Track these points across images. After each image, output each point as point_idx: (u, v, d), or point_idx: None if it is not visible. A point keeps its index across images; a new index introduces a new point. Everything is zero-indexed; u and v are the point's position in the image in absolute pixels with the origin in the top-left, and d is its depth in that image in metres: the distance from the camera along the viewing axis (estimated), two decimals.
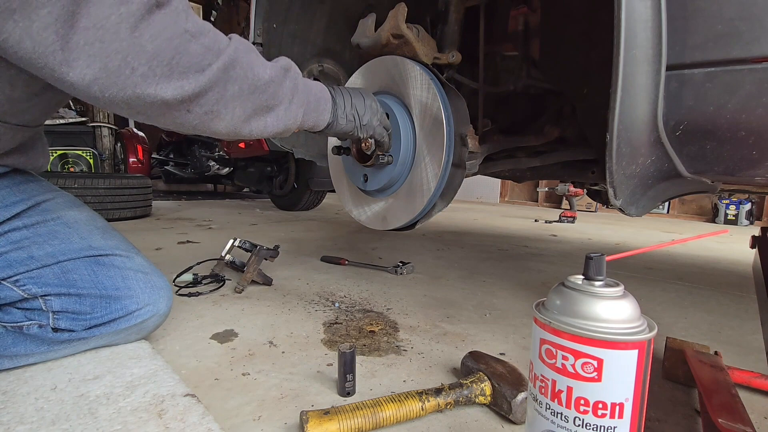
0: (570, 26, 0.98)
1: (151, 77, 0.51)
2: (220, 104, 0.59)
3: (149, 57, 0.50)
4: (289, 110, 0.69)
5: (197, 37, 0.54)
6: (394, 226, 1.04)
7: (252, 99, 0.63)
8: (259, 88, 0.63)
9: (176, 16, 0.52)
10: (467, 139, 0.90)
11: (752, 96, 0.59)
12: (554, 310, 0.42)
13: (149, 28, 0.49)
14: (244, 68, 0.60)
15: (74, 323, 0.73)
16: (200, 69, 0.55)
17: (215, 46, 0.57)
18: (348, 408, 0.58)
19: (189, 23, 0.54)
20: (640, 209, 0.80)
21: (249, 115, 0.64)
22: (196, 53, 0.54)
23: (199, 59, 0.55)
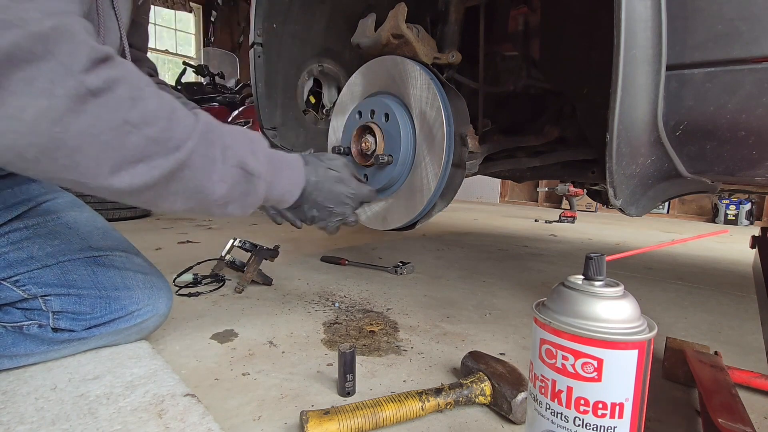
0: (570, 26, 0.98)
1: (73, 168, 0.46)
2: (159, 199, 0.55)
3: (71, 151, 0.45)
4: (239, 208, 0.64)
5: (141, 128, 0.48)
6: (395, 226, 1.04)
7: (197, 200, 0.58)
8: (207, 198, 0.58)
9: (115, 106, 0.46)
10: (467, 139, 0.90)
11: (752, 96, 0.59)
12: (554, 310, 0.42)
13: (76, 122, 0.44)
14: (195, 173, 0.55)
15: (74, 323, 0.73)
16: (139, 161, 0.49)
17: (166, 139, 0.51)
18: (348, 408, 0.58)
19: (133, 113, 0.47)
20: (640, 209, 0.80)
21: (191, 209, 0.59)
22: (133, 146, 0.48)
23: (137, 152, 0.49)
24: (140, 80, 0.50)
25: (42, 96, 0.42)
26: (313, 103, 1.52)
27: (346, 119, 1.09)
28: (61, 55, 0.43)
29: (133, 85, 0.48)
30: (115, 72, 0.47)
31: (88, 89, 0.44)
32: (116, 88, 0.47)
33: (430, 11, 1.16)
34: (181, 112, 0.54)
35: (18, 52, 0.41)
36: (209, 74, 4.60)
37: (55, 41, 0.43)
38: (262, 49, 1.32)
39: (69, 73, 0.43)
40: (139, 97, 0.49)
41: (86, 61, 0.44)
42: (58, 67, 0.42)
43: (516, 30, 1.17)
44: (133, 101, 0.48)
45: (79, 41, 0.44)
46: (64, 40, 0.43)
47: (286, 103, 1.42)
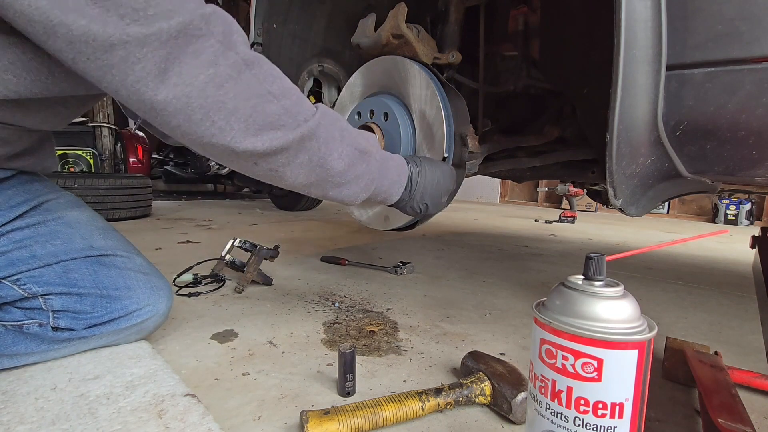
0: (570, 26, 0.97)
1: (227, 131, 0.55)
2: (286, 168, 0.62)
3: (228, 113, 0.54)
4: (352, 192, 0.70)
5: (279, 99, 0.57)
6: (396, 226, 1.04)
7: (318, 173, 0.64)
8: (327, 171, 0.65)
9: (262, 77, 0.56)
10: (467, 139, 0.90)
11: (752, 96, 0.59)
12: (554, 310, 0.42)
13: (234, 88, 0.53)
14: (320, 144, 0.62)
15: (74, 322, 0.73)
16: (275, 128, 0.58)
17: (297, 112, 0.59)
18: (348, 408, 0.58)
19: (274, 85, 0.57)
20: (640, 209, 0.80)
21: (311, 184, 0.66)
22: (273, 113, 0.57)
23: (275, 119, 0.57)
24: (273, 65, 0.59)
25: (209, 65, 0.51)
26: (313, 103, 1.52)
27: (346, 119, 1.09)
28: (219, 35, 0.52)
29: (271, 65, 0.58)
30: (258, 54, 0.57)
31: (244, 61, 0.54)
32: (263, 64, 0.57)
33: (430, 11, 1.16)
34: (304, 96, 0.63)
35: (190, 29, 0.49)
36: None
37: (215, 22, 0.52)
38: (262, 49, 1.32)
39: (229, 48, 0.52)
40: (277, 75, 0.58)
41: (241, 41, 0.54)
42: (218, 43, 0.52)
43: (516, 30, 1.17)
44: (273, 76, 0.57)
45: (231, 23, 0.54)
46: (221, 22, 0.52)
47: None
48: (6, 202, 0.72)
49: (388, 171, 0.75)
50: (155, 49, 0.48)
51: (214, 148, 0.57)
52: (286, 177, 0.63)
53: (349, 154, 0.66)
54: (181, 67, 0.50)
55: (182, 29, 0.49)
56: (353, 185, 0.69)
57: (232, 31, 0.54)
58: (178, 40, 0.49)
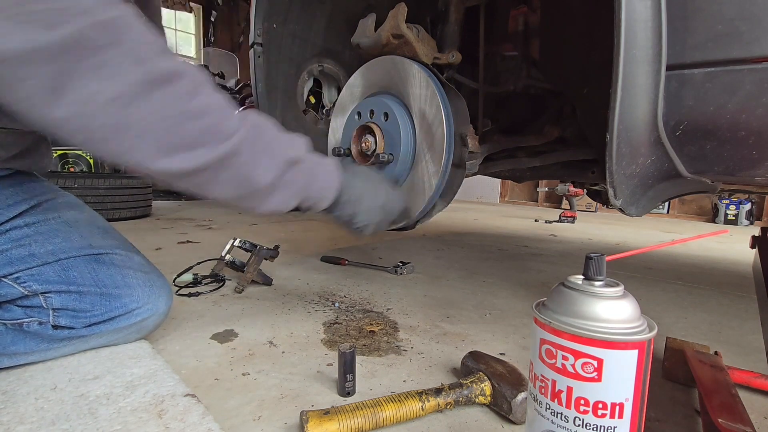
0: (570, 26, 0.98)
1: (136, 151, 0.50)
2: (208, 185, 0.58)
3: (137, 134, 0.49)
4: (281, 201, 0.67)
5: (198, 118, 0.52)
6: (396, 226, 1.04)
7: (244, 188, 0.61)
8: (253, 186, 0.61)
9: (177, 96, 0.50)
10: (467, 139, 0.90)
11: (752, 96, 0.59)
12: (554, 310, 0.42)
13: (144, 107, 0.48)
14: (244, 161, 0.58)
15: (74, 320, 0.73)
16: (193, 148, 0.53)
17: (218, 130, 0.55)
18: (348, 408, 0.58)
19: (192, 104, 0.51)
20: (640, 209, 0.80)
21: (238, 197, 0.62)
22: (190, 134, 0.52)
23: (193, 139, 0.52)
24: (198, 75, 0.54)
25: (112, 82, 0.45)
26: (313, 103, 1.52)
27: (345, 120, 1.09)
28: (128, 44, 0.45)
29: (191, 79, 0.52)
30: (176, 65, 0.50)
31: (155, 79, 0.48)
32: (178, 81, 0.50)
33: (430, 11, 1.16)
34: (232, 108, 0.58)
35: (84, 40, 0.43)
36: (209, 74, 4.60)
37: (122, 30, 0.45)
38: (262, 49, 1.32)
39: (137, 61, 0.46)
40: (196, 91, 0.52)
41: (153, 54, 0.47)
42: (125, 55, 0.45)
43: (516, 30, 1.17)
44: (191, 94, 0.51)
45: (144, 32, 0.47)
46: (130, 30, 0.46)
47: (286, 103, 1.42)
48: (4, 201, 0.72)
49: (317, 177, 0.71)
50: (43, 65, 0.42)
51: (125, 164, 0.52)
52: (210, 193, 0.60)
53: (276, 166, 0.63)
54: (78, 83, 0.44)
55: (75, 41, 0.43)
56: (281, 194, 0.66)
57: (142, 40, 0.47)
58: (71, 53, 0.43)
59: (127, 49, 0.46)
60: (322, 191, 0.73)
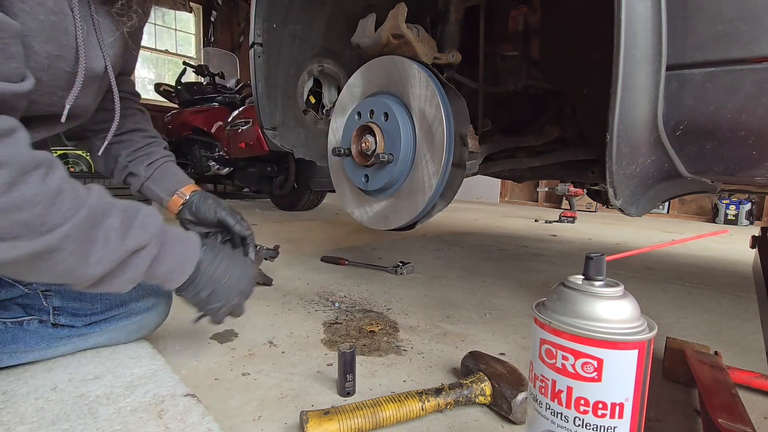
0: (570, 26, 0.97)
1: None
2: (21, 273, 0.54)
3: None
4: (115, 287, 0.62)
5: (10, 213, 0.48)
6: (396, 226, 1.04)
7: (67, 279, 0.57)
8: (78, 278, 0.57)
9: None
10: (467, 139, 0.90)
11: (752, 96, 0.59)
12: (554, 310, 0.42)
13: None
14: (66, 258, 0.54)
15: (74, 319, 0.74)
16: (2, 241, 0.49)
17: (39, 225, 0.50)
18: (348, 408, 0.58)
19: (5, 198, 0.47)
20: (640, 209, 0.80)
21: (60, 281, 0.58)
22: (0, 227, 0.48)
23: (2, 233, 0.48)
24: (27, 163, 0.49)
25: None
26: (313, 103, 1.52)
27: (345, 120, 1.09)
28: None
29: (14, 169, 0.48)
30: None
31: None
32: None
33: (430, 11, 1.16)
34: (67, 196, 0.53)
35: None
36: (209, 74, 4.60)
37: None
38: (262, 49, 1.32)
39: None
40: (17, 182, 0.48)
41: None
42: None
43: (516, 30, 1.17)
44: (9, 186, 0.48)
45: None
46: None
47: (286, 103, 1.42)
48: None
49: (168, 255, 0.66)
50: None
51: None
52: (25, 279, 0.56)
53: (113, 259, 0.58)
54: None
55: None
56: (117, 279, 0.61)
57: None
58: None
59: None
60: (173, 270, 0.67)
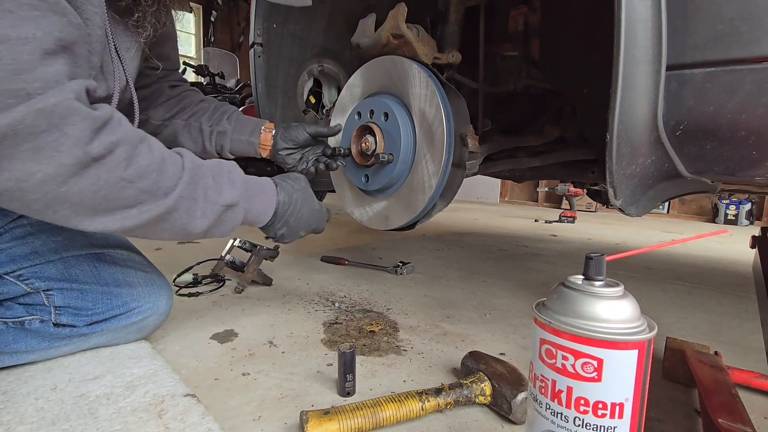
0: (570, 26, 0.97)
1: (73, 218, 0.53)
2: (147, 233, 0.62)
3: (72, 205, 0.52)
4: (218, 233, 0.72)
5: (135, 182, 0.55)
6: (396, 226, 1.04)
7: (182, 235, 0.66)
8: (190, 232, 0.66)
9: (114, 166, 0.53)
10: (467, 139, 0.90)
11: (752, 96, 0.59)
12: (554, 310, 0.42)
13: (79, 183, 0.50)
14: (180, 215, 0.63)
15: (76, 318, 0.74)
16: (130, 207, 0.57)
17: (156, 189, 0.58)
18: (348, 408, 0.58)
19: (129, 170, 0.54)
20: (640, 209, 0.80)
21: (178, 238, 0.67)
22: (127, 197, 0.55)
23: (131, 201, 0.56)
24: (135, 138, 0.57)
25: (50, 163, 0.48)
26: (313, 103, 1.52)
27: (345, 120, 1.09)
28: (65, 127, 0.48)
29: (129, 146, 0.55)
30: (113, 137, 0.53)
31: (92, 157, 0.50)
32: (114, 151, 0.53)
33: (430, 11, 1.16)
34: (170, 162, 0.61)
35: (23, 127, 0.45)
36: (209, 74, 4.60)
37: (60, 116, 0.48)
38: (262, 49, 1.32)
39: (75, 144, 0.49)
40: (133, 155, 0.55)
41: (89, 132, 0.50)
42: (64, 138, 0.48)
43: (516, 30, 1.17)
44: (128, 160, 0.54)
45: (82, 115, 0.50)
46: (68, 114, 0.48)
47: (286, 103, 1.42)
48: None
49: (254, 206, 0.76)
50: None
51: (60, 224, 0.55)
52: (150, 238, 0.64)
53: (213, 212, 0.67)
54: (15, 164, 0.47)
55: (14, 129, 0.45)
56: (219, 229, 0.71)
57: (80, 122, 0.50)
58: (9, 139, 0.45)
59: (63, 132, 0.48)
60: (259, 216, 0.78)
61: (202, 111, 1.00)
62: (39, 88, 0.46)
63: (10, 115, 0.45)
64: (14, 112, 0.45)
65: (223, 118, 1.00)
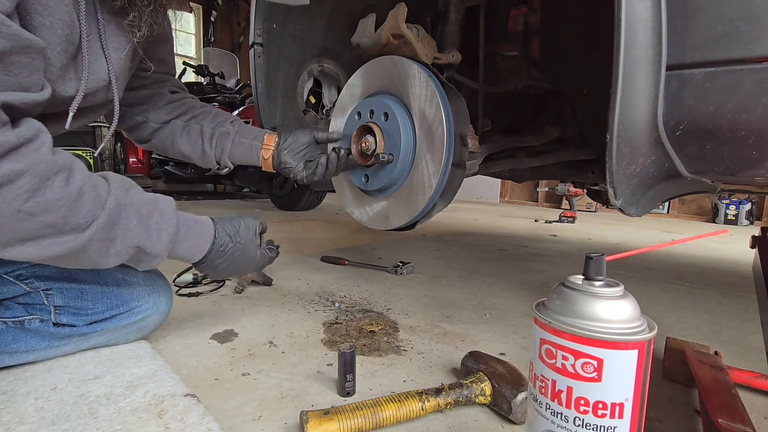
0: (570, 26, 0.98)
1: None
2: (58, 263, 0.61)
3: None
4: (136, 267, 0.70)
5: (37, 216, 0.53)
6: (396, 226, 1.04)
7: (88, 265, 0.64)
8: (101, 266, 0.64)
9: (12, 198, 0.50)
10: (467, 139, 0.90)
11: (752, 96, 0.59)
12: (554, 310, 0.42)
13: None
14: (89, 254, 0.61)
15: (75, 318, 0.74)
16: (30, 240, 0.54)
17: (63, 225, 0.55)
18: (348, 408, 0.58)
19: (29, 203, 0.51)
20: (640, 209, 0.80)
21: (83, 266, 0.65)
22: (29, 230, 0.53)
23: (32, 234, 0.54)
24: (48, 169, 0.53)
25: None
26: (313, 103, 1.52)
27: (345, 120, 1.09)
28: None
29: (35, 176, 0.51)
30: (19, 165, 0.50)
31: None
32: (15, 181, 0.50)
33: (430, 11, 1.16)
34: (88, 198, 0.57)
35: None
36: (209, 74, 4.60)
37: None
38: (262, 49, 1.32)
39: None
40: (39, 188, 0.52)
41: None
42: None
43: (516, 30, 1.17)
44: (32, 192, 0.51)
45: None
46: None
47: (286, 103, 1.42)
48: None
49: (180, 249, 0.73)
50: None
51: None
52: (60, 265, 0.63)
53: (128, 252, 0.65)
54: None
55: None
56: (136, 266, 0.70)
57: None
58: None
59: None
60: (184, 257, 0.75)
61: (204, 114, 1.00)
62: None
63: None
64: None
65: (226, 122, 1.00)
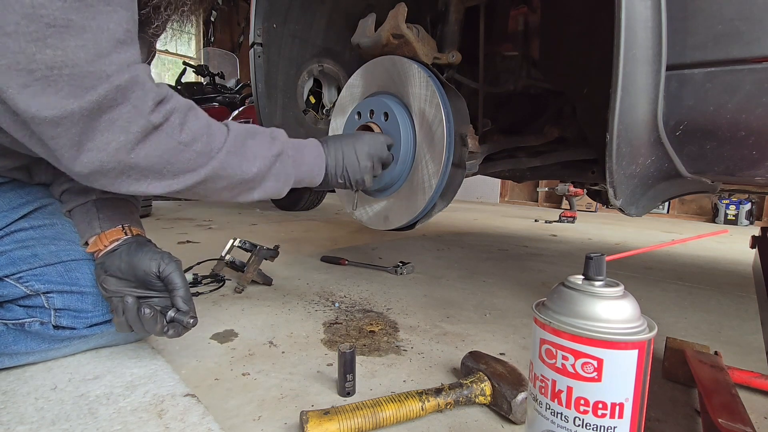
0: (570, 26, 0.98)
1: (142, 180, 0.59)
2: (209, 192, 0.68)
3: (142, 169, 0.58)
4: (275, 188, 0.76)
5: (190, 145, 0.61)
6: (396, 226, 1.04)
7: (239, 187, 0.71)
8: (246, 180, 0.71)
9: (171, 132, 0.59)
10: (467, 139, 0.90)
11: (752, 96, 0.59)
12: (554, 310, 0.42)
13: (144, 149, 0.57)
14: (233, 167, 0.68)
15: (75, 321, 0.73)
16: (190, 170, 0.63)
17: (208, 150, 0.64)
18: (348, 408, 0.58)
19: (183, 134, 0.60)
20: (640, 209, 0.80)
21: (236, 194, 0.72)
22: (187, 159, 0.61)
23: (190, 164, 0.62)
24: (185, 107, 0.62)
25: (121, 132, 0.54)
26: (313, 103, 1.52)
27: (345, 120, 1.09)
28: (134, 100, 0.54)
29: (181, 113, 0.61)
30: (169, 106, 0.59)
31: (153, 124, 0.57)
32: (170, 119, 0.59)
33: (430, 11, 1.16)
34: (215, 126, 0.67)
35: (105, 101, 0.52)
36: (209, 74, 4.60)
37: (131, 90, 0.54)
38: (262, 49, 1.32)
39: (140, 114, 0.55)
40: (185, 121, 0.61)
41: (152, 103, 0.56)
42: (132, 109, 0.54)
43: (516, 30, 1.17)
44: (181, 125, 0.60)
45: (147, 89, 0.56)
46: (137, 88, 0.55)
47: (286, 103, 1.42)
48: (7, 204, 0.73)
49: (303, 159, 0.80)
50: (71, 127, 0.51)
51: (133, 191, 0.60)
52: (211, 197, 0.69)
53: (262, 163, 0.72)
54: (95, 136, 0.53)
55: (97, 105, 0.51)
56: (273, 183, 0.75)
57: (144, 94, 0.56)
58: (93, 115, 0.52)
59: (132, 104, 0.54)
60: (312, 170, 0.82)
61: None
62: (116, 69, 0.52)
63: (96, 92, 0.51)
64: (99, 89, 0.51)
65: None
